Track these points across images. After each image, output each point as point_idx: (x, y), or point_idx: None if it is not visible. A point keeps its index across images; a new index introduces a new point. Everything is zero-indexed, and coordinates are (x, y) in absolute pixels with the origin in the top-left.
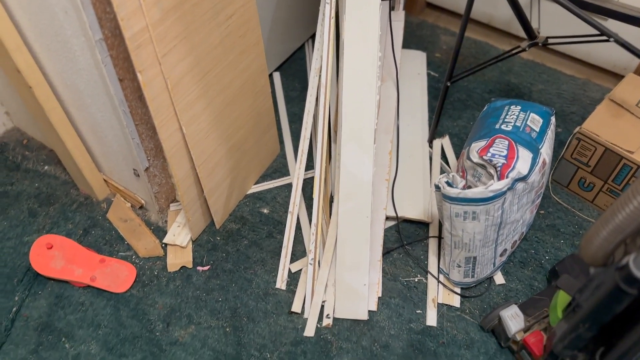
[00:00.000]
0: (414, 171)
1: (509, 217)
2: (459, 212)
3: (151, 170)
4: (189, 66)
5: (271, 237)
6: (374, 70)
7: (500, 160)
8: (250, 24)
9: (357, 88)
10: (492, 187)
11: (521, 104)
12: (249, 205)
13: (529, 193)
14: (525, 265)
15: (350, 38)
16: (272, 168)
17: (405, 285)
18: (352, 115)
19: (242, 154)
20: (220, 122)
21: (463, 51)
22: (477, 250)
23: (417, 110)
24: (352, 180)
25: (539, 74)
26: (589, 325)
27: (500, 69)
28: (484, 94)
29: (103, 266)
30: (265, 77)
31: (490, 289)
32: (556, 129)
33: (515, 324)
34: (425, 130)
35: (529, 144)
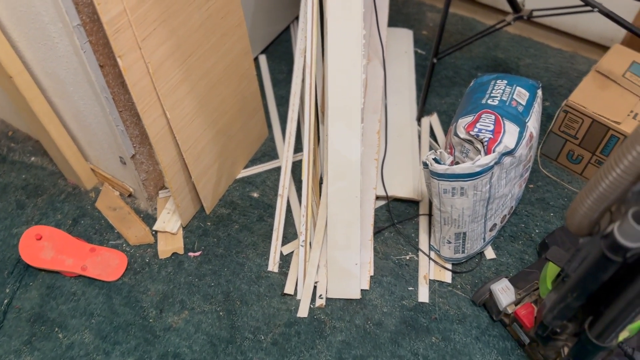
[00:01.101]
0: (403, 150)
1: (498, 191)
2: (447, 188)
3: (138, 158)
4: (169, 50)
5: (262, 221)
6: (359, 49)
7: (487, 135)
8: (232, 6)
9: (343, 67)
10: (479, 162)
11: (507, 78)
12: (238, 189)
13: (517, 167)
14: (515, 239)
15: (334, 17)
16: (261, 152)
17: (397, 264)
18: (338, 95)
19: (229, 139)
20: (204, 106)
21: (449, 28)
22: (466, 225)
23: (405, 89)
24: (341, 160)
25: (526, 48)
26: (577, 295)
27: (487, 44)
28: (471, 70)
29: (94, 255)
30: (249, 59)
31: (481, 264)
32: (544, 103)
33: (506, 297)
34: (414, 109)
35: (515, 118)
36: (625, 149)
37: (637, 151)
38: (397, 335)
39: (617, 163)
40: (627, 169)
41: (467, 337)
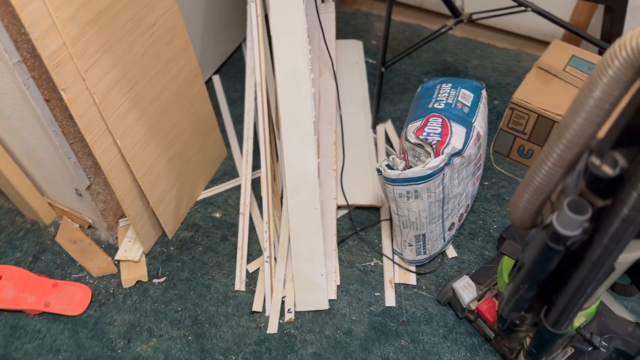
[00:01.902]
0: (360, 158)
1: (451, 191)
2: (401, 192)
3: (94, 188)
4: (115, 79)
5: (226, 241)
6: (305, 65)
7: (435, 138)
8: (176, 30)
9: (292, 84)
10: (429, 165)
11: (452, 81)
12: (200, 211)
13: (468, 166)
14: (475, 236)
15: (279, 36)
16: (221, 171)
17: (362, 270)
18: (290, 111)
19: (186, 161)
20: (156, 131)
21: (397, 36)
22: (424, 227)
23: (359, 98)
24: (298, 174)
25: (473, 50)
26: (528, 286)
27: (435, 49)
28: (421, 76)
29: (56, 290)
30: (200, 81)
31: (444, 263)
32: (493, 101)
33: (468, 294)
34: (368, 117)
35: (461, 119)
36: (553, 142)
37: (564, 144)
38: (367, 341)
39: (547, 157)
40: (557, 162)
41: (435, 336)
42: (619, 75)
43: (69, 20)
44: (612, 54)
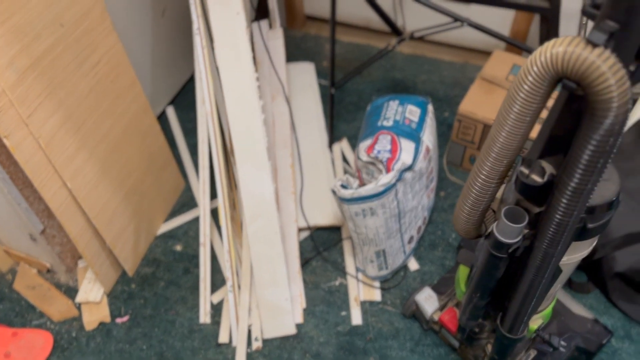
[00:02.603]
0: (319, 179)
1: (406, 205)
2: (357, 211)
3: (48, 232)
4: (60, 121)
5: (188, 273)
6: (254, 93)
7: (385, 155)
8: (121, 67)
9: (241, 111)
10: (381, 182)
11: (399, 98)
12: (160, 245)
13: (420, 180)
14: (435, 247)
15: (225, 66)
16: (180, 203)
17: (328, 291)
18: (242, 138)
19: (142, 196)
20: (108, 169)
21: (347, 56)
22: (383, 243)
23: (314, 120)
24: (255, 200)
25: (420, 65)
26: (480, 294)
27: (384, 67)
28: (373, 93)
29: (16, 339)
30: (150, 116)
31: (407, 276)
32: (444, 114)
33: (430, 305)
34: (324, 138)
35: (410, 135)
36: (483, 156)
37: (493, 157)
38: None
39: (479, 170)
40: (489, 174)
41: (402, 350)
42: (535, 89)
43: (7, 67)
44: (525, 69)
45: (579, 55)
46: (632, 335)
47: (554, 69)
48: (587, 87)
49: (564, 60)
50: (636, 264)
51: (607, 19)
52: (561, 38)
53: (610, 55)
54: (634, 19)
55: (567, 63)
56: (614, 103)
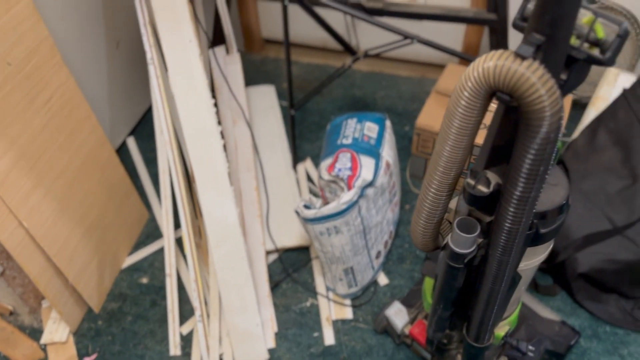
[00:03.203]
0: (285, 200)
1: (371, 221)
2: (322, 230)
3: (8, 273)
4: (13, 160)
5: (156, 306)
6: (211, 119)
7: (346, 173)
8: (74, 101)
9: (200, 138)
10: (343, 200)
11: (357, 116)
12: (126, 279)
13: (382, 195)
14: (403, 260)
15: (180, 94)
16: (144, 234)
17: (299, 313)
18: (202, 165)
19: (104, 230)
20: (67, 205)
21: (307, 76)
22: (351, 260)
23: (277, 141)
24: (219, 227)
25: (379, 82)
26: (443, 305)
27: (344, 85)
28: (335, 112)
29: None
30: (108, 148)
31: (377, 292)
32: (404, 128)
33: (400, 320)
34: (288, 159)
35: (369, 151)
36: (431, 171)
37: (440, 171)
38: None
39: (429, 185)
40: (439, 188)
41: None
42: (472, 104)
43: None
44: (461, 85)
45: (509, 68)
46: (599, 334)
47: (487, 83)
48: (519, 99)
49: (495, 74)
50: (597, 263)
51: (533, 32)
52: (492, 53)
53: (539, 67)
54: (558, 31)
55: (499, 76)
56: (547, 112)
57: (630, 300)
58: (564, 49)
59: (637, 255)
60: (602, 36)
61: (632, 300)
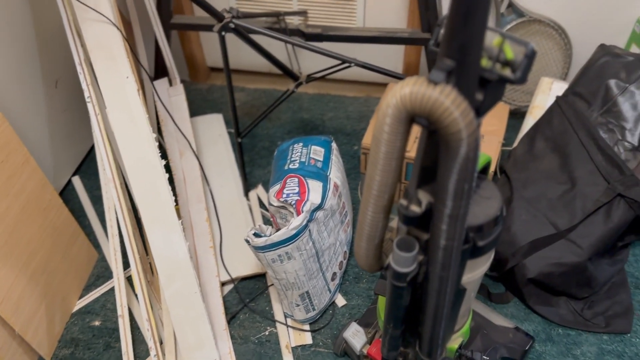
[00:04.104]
0: (238, 228)
1: (323, 244)
2: (273, 257)
3: None
4: None
5: (110, 348)
6: (154, 153)
7: (294, 197)
8: (11, 146)
9: (143, 173)
10: (292, 225)
11: (302, 140)
12: (77, 323)
13: (333, 217)
14: (359, 280)
15: (120, 130)
16: (94, 275)
17: (258, 343)
18: (146, 201)
19: (51, 275)
20: (9, 253)
21: (255, 102)
22: (306, 285)
23: (227, 170)
24: (169, 263)
25: (326, 104)
26: (392, 324)
27: (292, 109)
28: (284, 136)
29: None
30: (49, 191)
31: (335, 314)
32: (354, 147)
33: (358, 341)
34: (240, 186)
35: (316, 175)
36: (366, 194)
37: (374, 195)
38: None
39: (366, 207)
40: (375, 210)
41: None
42: (395, 130)
43: None
44: (383, 112)
45: (424, 94)
46: (553, 337)
47: (405, 109)
48: (436, 123)
49: (411, 100)
50: (545, 268)
51: (444, 57)
52: (407, 79)
53: (451, 91)
54: (467, 55)
55: (415, 102)
56: (463, 133)
57: (579, 301)
58: (475, 72)
59: (582, 257)
60: (511, 57)
61: (581, 301)
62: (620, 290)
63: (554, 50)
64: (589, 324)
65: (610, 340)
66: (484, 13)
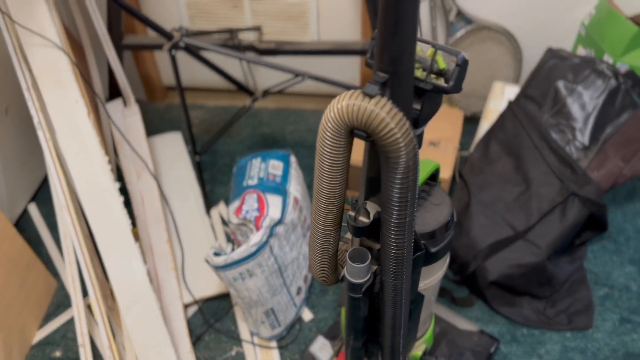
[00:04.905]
0: (200, 248)
1: (286, 259)
2: (235, 276)
3: None
4: None
5: None
6: (107, 176)
7: (253, 214)
8: None
9: (96, 198)
10: (252, 242)
11: (261, 155)
12: (37, 355)
13: (295, 231)
14: (325, 292)
15: (71, 155)
16: (54, 304)
17: None
18: (101, 226)
19: (7, 307)
20: None
21: (215, 119)
22: (269, 301)
23: (188, 189)
24: (127, 287)
25: (286, 117)
26: (353, 336)
27: (252, 124)
28: (245, 152)
29: None
30: (2, 220)
31: (302, 329)
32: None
33: (325, 354)
34: (201, 205)
35: (275, 189)
36: (315, 208)
37: (323, 208)
38: None
39: (316, 221)
40: (326, 224)
41: None
42: (336, 143)
43: None
44: (323, 125)
45: (359, 106)
46: (517, 337)
47: (343, 122)
48: (373, 134)
49: (348, 113)
50: (505, 269)
51: (378, 70)
52: (344, 93)
53: (386, 103)
54: (399, 67)
55: (352, 115)
56: (401, 143)
57: (541, 300)
58: (410, 83)
59: (540, 257)
60: (444, 67)
61: (544, 300)
62: (580, 287)
63: (504, 55)
64: (552, 323)
65: (573, 337)
66: (412, 26)
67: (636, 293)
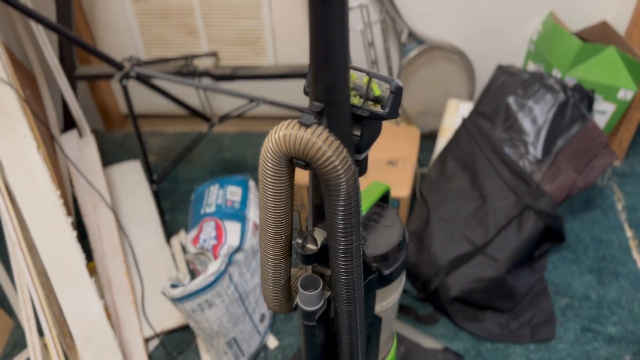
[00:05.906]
0: (161, 279)
1: (247, 286)
2: (193, 307)
3: None
4: None
5: None
6: (58, 211)
7: (211, 242)
8: None
9: (48, 234)
10: (210, 271)
11: (218, 181)
12: None
13: (255, 257)
14: (290, 317)
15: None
16: (10, 344)
17: None
18: (54, 261)
19: None
20: None
21: (175, 146)
22: (231, 331)
23: (147, 218)
24: (83, 324)
25: (247, 141)
26: None
27: (213, 149)
28: (206, 177)
29: None
30: None
31: (268, 356)
32: None
33: None
34: (161, 234)
35: (234, 216)
36: (262, 237)
37: (271, 237)
38: None
39: (265, 250)
40: (275, 252)
41: None
42: (277, 172)
43: None
44: (263, 155)
45: (296, 136)
46: (482, 352)
47: (282, 152)
48: (312, 163)
49: (286, 142)
50: (466, 284)
51: (314, 100)
52: (282, 123)
53: (323, 131)
54: (334, 97)
55: (289, 145)
56: (340, 171)
57: (504, 313)
58: (346, 111)
59: (499, 271)
60: (379, 93)
61: (506, 313)
62: (542, 299)
63: (458, 73)
64: (515, 335)
65: (537, 349)
66: (343, 56)
67: (596, 302)
